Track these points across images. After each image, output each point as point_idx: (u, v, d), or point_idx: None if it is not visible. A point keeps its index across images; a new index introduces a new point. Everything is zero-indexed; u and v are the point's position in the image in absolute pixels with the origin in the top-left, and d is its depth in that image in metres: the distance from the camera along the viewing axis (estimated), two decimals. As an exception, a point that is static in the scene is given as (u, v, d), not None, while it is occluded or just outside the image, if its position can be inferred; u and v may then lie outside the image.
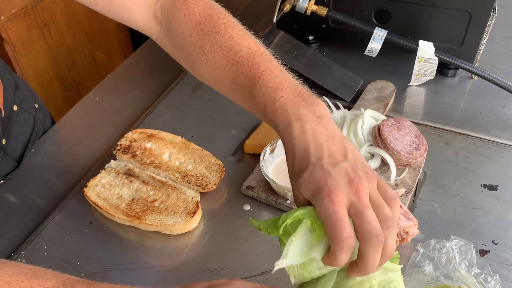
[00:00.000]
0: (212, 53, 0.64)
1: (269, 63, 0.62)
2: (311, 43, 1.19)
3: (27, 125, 0.97)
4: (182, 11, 0.67)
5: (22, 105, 0.96)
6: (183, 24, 0.67)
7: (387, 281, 0.56)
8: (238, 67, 0.62)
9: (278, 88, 0.58)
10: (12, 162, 0.92)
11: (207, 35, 0.65)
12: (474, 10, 0.99)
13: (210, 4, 0.69)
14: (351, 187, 0.51)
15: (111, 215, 0.80)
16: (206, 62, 0.65)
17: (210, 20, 0.66)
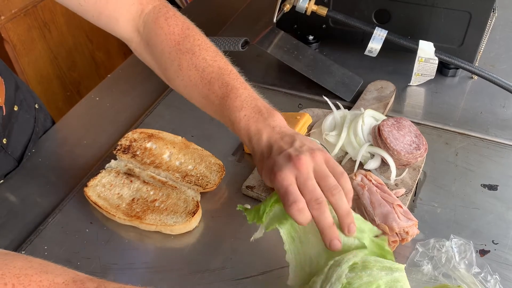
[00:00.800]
0: (188, 71, 0.72)
1: (236, 82, 0.71)
2: (311, 43, 1.19)
3: (28, 125, 0.97)
4: (163, 29, 0.74)
5: (23, 105, 0.96)
6: (163, 41, 0.74)
7: (393, 281, 0.56)
8: (210, 87, 0.71)
9: (242, 107, 0.69)
10: (12, 162, 0.92)
11: (184, 55, 0.73)
12: (474, 10, 0.99)
13: (187, 25, 0.77)
14: (292, 164, 0.61)
15: (112, 215, 0.80)
16: (182, 79, 0.74)
17: (187, 42, 0.74)
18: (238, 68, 1.17)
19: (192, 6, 1.53)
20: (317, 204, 0.59)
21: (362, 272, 0.57)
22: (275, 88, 1.10)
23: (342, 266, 0.57)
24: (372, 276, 0.56)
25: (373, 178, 0.79)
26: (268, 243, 0.77)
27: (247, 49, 1.15)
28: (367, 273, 0.56)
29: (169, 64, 0.74)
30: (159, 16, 0.76)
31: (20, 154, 0.94)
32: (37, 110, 1.02)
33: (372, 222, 0.72)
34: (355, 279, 0.56)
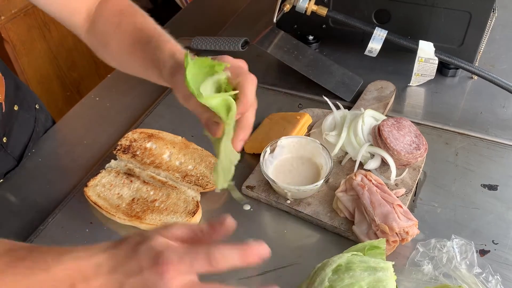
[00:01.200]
0: (125, 27, 0.77)
1: (165, 33, 0.74)
2: (311, 43, 1.19)
3: (28, 125, 0.97)
4: (111, 2, 0.81)
5: (23, 105, 0.96)
6: (108, 11, 0.80)
7: (376, 281, 0.56)
8: (141, 32, 0.75)
9: (169, 41, 0.72)
10: (12, 161, 0.92)
11: (125, 17, 0.78)
12: (474, 10, 0.99)
13: (133, 4, 0.82)
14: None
15: (112, 215, 0.80)
16: (117, 34, 0.77)
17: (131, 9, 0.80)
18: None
19: (192, 6, 1.53)
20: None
21: (345, 274, 0.57)
22: (275, 88, 1.10)
23: (326, 270, 0.58)
24: (354, 278, 0.56)
25: (373, 178, 0.79)
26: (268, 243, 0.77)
27: (247, 49, 1.15)
28: (349, 274, 0.57)
29: (108, 27, 0.79)
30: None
31: (20, 154, 0.94)
32: (38, 111, 1.02)
33: (372, 222, 0.73)
34: (337, 282, 0.56)
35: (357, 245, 0.63)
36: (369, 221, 0.74)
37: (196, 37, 1.21)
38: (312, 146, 0.86)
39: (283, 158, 0.87)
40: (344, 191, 0.79)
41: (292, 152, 0.87)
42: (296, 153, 0.87)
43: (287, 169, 0.85)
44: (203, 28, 1.36)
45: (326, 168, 0.82)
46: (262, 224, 0.80)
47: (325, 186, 0.84)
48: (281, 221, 0.81)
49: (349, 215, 0.77)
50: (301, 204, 0.81)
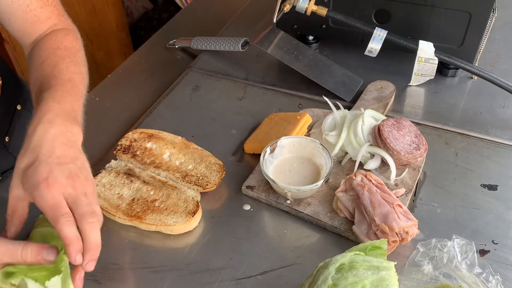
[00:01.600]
0: (45, 67, 0.74)
1: (73, 89, 0.73)
2: (311, 43, 1.19)
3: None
4: (56, 37, 0.80)
5: (26, 105, 0.97)
6: (45, 44, 0.79)
7: (379, 280, 0.56)
8: (50, 79, 0.72)
9: (61, 100, 0.68)
10: (12, 160, 0.92)
11: (53, 57, 0.76)
12: (474, 10, 0.99)
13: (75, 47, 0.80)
14: (70, 181, 0.60)
15: (112, 215, 0.80)
16: (37, 72, 0.75)
17: (65, 52, 0.77)
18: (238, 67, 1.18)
19: (192, 6, 1.54)
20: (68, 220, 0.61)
21: (348, 273, 0.57)
22: (275, 88, 1.10)
23: (329, 268, 0.58)
24: (357, 276, 0.56)
25: (373, 178, 0.79)
26: (268, 243, 0.77)
27: (247, 49, 1.15)
28: (353, 273, 0.57)
29: (35, 60, 0.77)
30: (61, 31, 0.82)
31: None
32: None
33: (372, 222, 0.73)
34: (340, 280, 0.56)
35: (359, 245, 0.63)
36: (369, 221, 0.74)
37: (196, 37, 1.21)
38: (312, 146, 0.86)
39: (283, 158, 0.87)
40: (344, 191, 0.79)
41: (292, 152, 0.87)
42: (296, 153, 0.87)
43: (287, 169, 0.85)
44: (203, 28, 1.36)
45: (326, 168, 0.82)
46: (262, 224, 0.80)
47: (325, 186, 0.84)
48: (281, 221, 0.81)
49: (349, 215, 0.77)
50: (301, 204, 0.81)
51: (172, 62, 1.24)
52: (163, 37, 1.32)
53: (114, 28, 2.27)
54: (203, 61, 1.19)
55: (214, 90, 1.10)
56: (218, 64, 1.18)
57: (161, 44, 1.29)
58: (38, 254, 0.59)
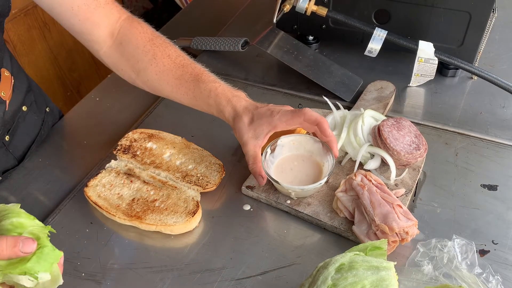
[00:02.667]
0: (162, 59, 0.85)
1: (200, 67, 0.86)
2: (311, 43, 1.19)
3: (34, 127, 0.97)
4: (138, 29, 0.87)
5: (32, 107, 0.97)
6: (138, 38, 0.86)
7: (379, 280, 0.56)
8: (183, 69, 0.85)
9: (216, 81, 0.84)
10: (12, 160, 0.93)
11: (158, 47, 0.86)
12: (474, 10, 0.99)
13: (155, 31, 0.89)
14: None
15: (112, 215, 0.80)
16: (156, 66, 0.85)
17: (159, 39, 0.88)
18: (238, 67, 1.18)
19: (192, 6, 1.54)
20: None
21: (348, 273, 0.57)
22: (275, 88, 1.10)
23: (329, 268, 0.58)
24: (357, 277, 0.56)
25: (373, 178, 0.79)
26: (268, 243, 0.77)
27: (247, 49, 1.15)
28: (352, 273, 0.57)
29: (143, 55, 0.86)
30: (133, 21, 0.89)
31: (22, 154, 0.95)
32: (47, 114, 1.03)
33: (372, 222, 0.73)
34: (340, 280, 0.56)
35: (359, 246, 0.63)
36: (369, 221, 0.74)
37: (196, 37, 1.21)
38: (312, 144, 0.86)
39: (284, 157, 0.87)
40: (344, 191, 0.79)
41: (293, 150, 0.87)
42: (297, 152, 0.87)
43: (288, 168, 0.85)
44: (203, 28, 1.36)
45: (328, 165, 0.82)
46: (262, 224, 0.80)
47: (325, 186, 0.84)
48: (281, 221, 0.81)
49: (349, 215, 0.77)
50: (301, 204, 0.81)
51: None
52: (163, 37, 1.32)
53: (114, 28, 2.27)
54: (203, 61, 1.19)
55: (214, 90, 1.10)
56: (218, 64, 1.18)
57: (161, 44, 1.29)
58: (15, 246, 0.58)
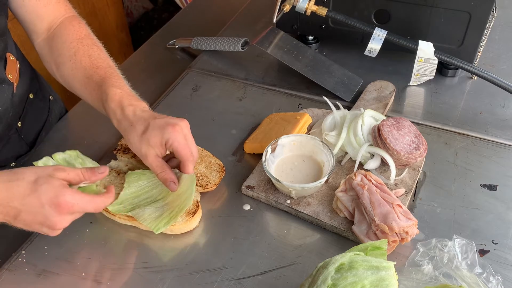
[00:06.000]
0: (81, 57, 0.86)
1: (118, 75, 0.85)
2: (311, 43, 1.19)
3: (42, 114, 1.02)
4: (73, 27, 0.90)
5: (38, 94, 1.01)
6: (68, 34, 0.89)
7: (379, 280, 0.56)
8: (96, 70, 0.85)
9: (120, 87, 0.82)
10: (25, 146, 0.97)
11: (83, 46, 0.88)
12: (474, 10, 0.99)
13: (91, 34, 0.92)
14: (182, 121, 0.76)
15: (112, 215, 0.80)
16: (73, 62, 0.86)
17: (89, 40, 0.90)
18: (238, 67, 1.18)
19: (192, 6, 1.54)
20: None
21: (348, 273, 0.57)
22: (275, 88, 1.10)
23: (329, 268, 0.58)
24: (357, 276, 0.56)
25: (373, 178, 0.79)
26: (268, 243, 0.77)
27: (247, 49, 1.15)
28: (352, 273, 0.57)
29: (66, 51, 0.87)
30: (74, 20, 0.91)
31: (33, 140, 0.98)
32: (52, 102, 1.07)
33: (372, 222, 0.73)
34: (340, 280, 0.56)
35: (359, 246, 0.63)
36: (369, 221, 0.74)
37: (196, 37, 1.21)
38: (312, 143, 0.86)
39: (284, 157, 0.87)
40: (344, 191, 0.79)
41: (293, 150, 0.87)
42: (297, 151, 0.88)
43: (289, 168, 0.85)
44: (203, 28, 1.36)
45: (328, 165, 0.82)
46: (262, 224, 0.80)
47: (325, 186, 0.84)
48: (281, 221, 0.81)
49: (349, 215, 0.77)
50: (301, 204, 0.81)
51: (172, 62, 1.24)
52: (163, 37, 1.32)
53: (114, 28, 2.27)
54: (203, 61, 1.19)
55: (214, 90, 1.10)
56: (218, 64, 1.18)
57: (161, 44, 1.29)
58: (93, 171, 0.72)
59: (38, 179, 0.66)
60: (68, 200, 0.66)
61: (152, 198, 0.80)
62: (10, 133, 0.92)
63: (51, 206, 0.65)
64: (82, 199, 0.68)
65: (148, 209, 0.78)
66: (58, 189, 0.66)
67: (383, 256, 0.61)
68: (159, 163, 0.76)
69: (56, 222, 0.67)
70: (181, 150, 0.74)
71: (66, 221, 0.68)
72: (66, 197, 0.66)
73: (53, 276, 0.74)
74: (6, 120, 0.90)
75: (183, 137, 0.74)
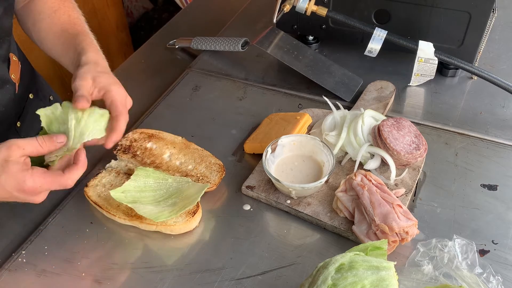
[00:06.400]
0: (60, 15, 0.89)
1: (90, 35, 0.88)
2: (311, 43, 1.19)
3: None
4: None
5: (38, 94, 1.01)
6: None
7: (379, 280, 0.56)
8: (73, 26, 0.88)
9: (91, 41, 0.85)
10: None
11: (64, 6, 0.90)
12: (474, 10, 0.99)
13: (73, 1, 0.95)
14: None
15: (112, 215, 0.80)
16: (52, 18, 0.88)
17: (70, 4, 0.92)
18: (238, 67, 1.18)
19: (192, 6, 1.54)
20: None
21: (348, 273, 0.57)
22: (275, 88, 1.10)
23: (329, 268, 0.58)
24: (357, 276, 0.56)
25: (373, 178, 0.79)
26: (268, 243, 0.77)
27: (247, 49, 1.15)
28: (352, 273, 0.57)
29: (46, 9, 0.89)
30: None
31: None
32: (51, 102, 1.07)
33: (372, 222, 0.73)
34: (340, 280, 0.56)
35: (359, 246, 0.63)
36: (369, 221, 0.74)
37: (196, 37, 1.21)
38: (312, 143, 0.86)
39: (284, 157, 0.87)
40: (344, 191, 0.79)
41: (293, 150, 0.87)
42: (297, 151, 0.88)
43: (289, 168, 0.85)
44: (203, 28, 1.36)
45: (328, 165, 0.82)
46: (262, 224, 0.80)
47: (325, 186, 0.84)
48: (281, 221, 0.81)
49: (349, 215, 0.77)
50: (301, 204, 0.81)
51: (172, 62, 1.24)
52: (163, 37, 1.32)
53: (114, 28, 2.27)
54: (203, 61, 1.19)
55: (214, 90, 1.10)
56: (218, 64, 1.18)
57: (161, 44, 1.29)
58: (51, 140, 0.70)
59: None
60: (30, 185, 0.66)
61: (155, 198, 0.80)
62: (9, 132, 0.92)
63: (18, 192, 0.67)
64: (45, 179, 0.68)
65: (149, 206, 0.78)
66: (17, 175, 0.66)
67: (383, 256, 0.61)
68: (77, 84, 0.76)
69: (33, 200, 0.69)
70: (119, 104, 0.76)
71: (41, 197, 0.70)
72: (27, 183, 0.66)
73: (53, 276, 0.74)
74: (7, 121, 0.90)
75: (124, 96, 0.78)
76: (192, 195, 0.78)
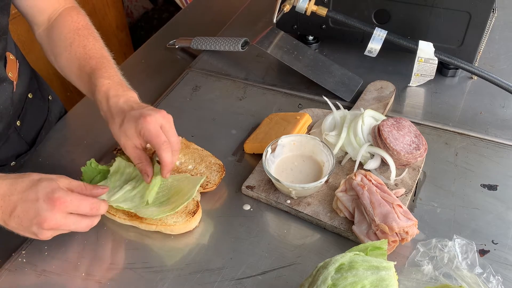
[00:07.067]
0: (76, 48, 0.88)
1: (110, 63, 0.87)
2: (311, 43, 1.19)
3: (41, 113, 1.03)
4: (71, 18, 0.92)
5: (37, 94, 1.02)
6: (65, 25, 0.91)
7: (379, 280, 0.56)
8: (89, 60, 0.86)
9: (109, 77, 0.83)
10: (25, 145, 0.97)
11: (79, 37, 0.90)
12: (474, 10, 0.99)
13: (89, 24, 0.94)
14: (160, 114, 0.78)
15: (112, 214, 0.80)
16: (69, 53, 0.89)
17: (86, 31, 0.92)
18: (238, 67, 1.18)
19: (192, 6, 1.54)
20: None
21: (348, 273, 0.57)
22: (275, 88, 1.10)
23: (328, 268, 0.58)
24: (357, 276, 0.56)
25: (373, 178, 0.79)
26: (268, 243, 0.77)
27: (247, 49, 1.15)
28: (352, 273, 0.57)
29: (61, 41, 0.90)
30: (72, 10, 0.94)
31: (33, 139, 0.99)
32: (51, 102, 1.08)
33: (372, 222, 0.73)
34: (340, 280, 0.56)
35: (359, 246, 0.63)
36: (369, 221, 0.74)
37: (196, 37, 1.21)
38: (312, 143, 0.86)
39: (284, 157, 0.87)
40: (344, 191, 0.79)
41: (293, 150, 0.87)
42: (297, 151, 0.88)
43: (289, 168, 0.85)
44: (203, 28, 1.36)
45: (328, 165, 0.82)
46: (262, 224, 0.80)
47: (325, 186, 0.84)
48: (281, 221, 0.81)
49: (349, 215, 0.77)
50: (301, 204, 0.81)
51: (172, 62, 1.24)
52: (163, 37, 1.32)
53: (114, 28, 2.26)
54: (203, 61, 1.19)
55: (214, 90, 1.10)
56: (218, 64, 1.18)
57: (161, 44, 1.29)
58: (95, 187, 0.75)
59: (42, 178, 0.69)
60: (62, 195, 0.68)
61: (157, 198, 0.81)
62: (9, 131, 0.93)
63: (45, 200, 0.67)
64: (76, 197, 0.70)
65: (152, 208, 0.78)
66: (55, 186, 0.69)
67: (383, 256, 0.61)
68: (137, 154, 0.78)
69: (46, 217, 0.67)
70: (151, 139, 0.75)
71: (56, 221, 0.68)
72: (61, 193, 0.68)
73: (53, 276, 0.74)
74: (6, 119, 0.90)
75: (155, 127, 0.75)
76: (189, 190, 0.78)
